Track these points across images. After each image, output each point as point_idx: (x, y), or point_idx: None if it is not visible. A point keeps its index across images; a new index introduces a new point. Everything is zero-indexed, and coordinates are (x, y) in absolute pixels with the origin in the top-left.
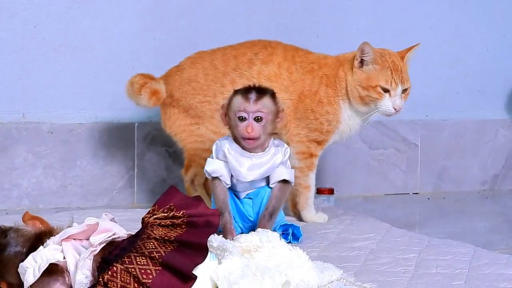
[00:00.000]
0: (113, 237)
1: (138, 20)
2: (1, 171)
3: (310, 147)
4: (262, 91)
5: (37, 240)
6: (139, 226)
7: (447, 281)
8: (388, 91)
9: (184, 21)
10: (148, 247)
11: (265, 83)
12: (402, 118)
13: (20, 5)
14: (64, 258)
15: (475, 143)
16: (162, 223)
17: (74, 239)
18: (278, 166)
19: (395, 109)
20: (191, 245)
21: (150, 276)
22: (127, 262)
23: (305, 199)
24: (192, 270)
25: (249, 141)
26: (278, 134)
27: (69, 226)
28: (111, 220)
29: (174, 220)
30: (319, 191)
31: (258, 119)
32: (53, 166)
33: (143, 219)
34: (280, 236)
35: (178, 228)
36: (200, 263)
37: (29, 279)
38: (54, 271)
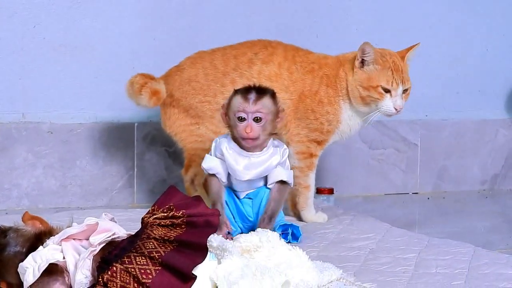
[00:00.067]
0: (113, 237)
1: (138, 20)
2: (1, 171)
3: (310, 147)
4: (262, 91)
5: (37, 240)
6: (139, 226)
7: (447, 281)
8: (389, 91)
9: (184, 21)
10: (148, 247)
11: (266, 83)
12: (402, 118)
13: (20, 5)
14: (64, 258)
15: (475, 143)
16: (162, 223)
17: (74, 239)
18: (276, 167)
19: (396, 109)
20: (191, 245)
21: (150, 276)
22: (127, 262)
23: (305, 199)
24: (192, 270)
25: (248, 141)
26: (278, 134)
27: (69, 226)
28: (111, 220)
29: (174, 220)
30: (319, 191)
31: (257, 120)
32: (53, 166)
33: (143, 219)
34: (280, 236)
35: (178, 228)
36: (200, 263)
37: (29, 279)
38: (54, 271)
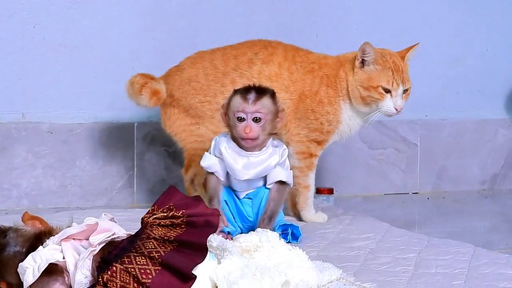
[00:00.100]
0: (113, 237)
1: (138, 20)
2: (1, 171)
3: (310, 147)
4: (261, 91)
5: (37, 240)
6: (139, 226)
7: (447, 281)
8: (390, 92)
9: (184, 21)
10: (148, 247)
11: (266, 83)
12: (402, 118)
13: (20, 5)
14: (64, 258)
15: (475, 143)
16: (162, 223)
17: (74, 239)
18: (275, 167)
19: (397, 110)
20: (191, 245)
21: (150, 276)
22: (127, 262)
23: (305, 199)
24: (192, 270)
25: (248, 141)
26: (278, 134)
27: (69, 226)
28: (111, 220)
29: (174, 220)
30: (319, 191)
31: (257, 120)
32: (53, 166)
33: (143, 219)
34: (280, 236)
35: (178, 228)
36: (200, 263)
37: (29, 279)
38: (54, 271)
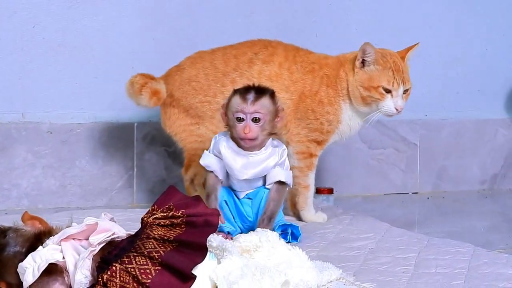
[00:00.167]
0: (113, 237)
1: (138, 20)
2: (1, 171)
3: (310, 147)
4: (261, 91)
5: (36, 240)
6: (139, 226)
7: (447, 281)
8: (390, 92)
9: (184, 21)
10: (148, 247)
11: (266, 83)
12: (402, 118)
13: (19, 5)
14: (63, 258)
15: (475, 143)
16: (162, 223)
17: (73, 239)
18: (274, 167)
19: (397, 110)
20: (191, 245)
21: (150, 276)
22: (127, 262)
23: (304, 199)
24: (192, 270)
25: (246, 141)
26: (278, 134)
27: (68, 226)
28: (110, 220)
29: (174, 220)
30: (319, 191)
31: (256, 120)
32: (53, 166)
33: (142, 219)
34: (279, 236)
35: (178, 228)
36: (200, 263)
37: (28, 279)
38: (53, 271)
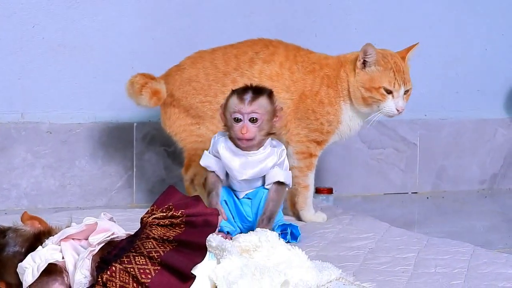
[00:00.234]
0: (112, 237)
1: (138, 20)
2: (0, 171)
3: (310, 147)
4: (258, 91)
5: (36, 240)
6: (138, 226)
7: (446, 281)
8: (391, 93)
9: (184, 21)
10: (147, 247)
11: (267, 83)
12: (401, 118)
13: (19, 5)
14: (63, 258)
15: (474, 143)
16: (161, 223)
17: (73, 239)
18: (273, 167)
19: (398, 110)
20: (190, 245)
21: (149, 276)
22: (126, 262)
23: (304, 199)
24: (191, 270)
25: (244, 141)
26: (277, 134)
27: (68, 226)
28: (110, 220)
29: (173, 220)
30: (318, 191)
31: (253, 120)
32: (52, 166)
33: (142, 219)
34: (279, 236)
35: (177, 228)
36: (199, 263)
37: (28, 279)
38: (53, 271)
